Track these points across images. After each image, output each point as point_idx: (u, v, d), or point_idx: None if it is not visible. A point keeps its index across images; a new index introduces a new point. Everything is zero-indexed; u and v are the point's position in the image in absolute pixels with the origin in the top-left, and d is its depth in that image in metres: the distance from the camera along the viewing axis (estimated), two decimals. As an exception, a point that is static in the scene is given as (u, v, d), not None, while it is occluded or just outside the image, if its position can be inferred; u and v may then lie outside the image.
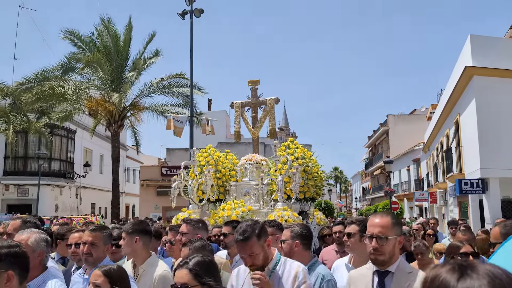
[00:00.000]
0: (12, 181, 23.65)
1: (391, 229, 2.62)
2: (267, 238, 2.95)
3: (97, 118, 22.05)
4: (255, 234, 2.84)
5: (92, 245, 3.47)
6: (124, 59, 20.75)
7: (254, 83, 10.97)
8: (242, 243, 2.84)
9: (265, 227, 3.01)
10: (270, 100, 10.49)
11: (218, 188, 9.38)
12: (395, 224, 2.67)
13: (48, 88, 18.77)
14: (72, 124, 25.49)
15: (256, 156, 9.46)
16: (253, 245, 2.84)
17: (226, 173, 9.60)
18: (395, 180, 40.57)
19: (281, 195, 7.97)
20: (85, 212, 26.21)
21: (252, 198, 8.57)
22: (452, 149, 20.54)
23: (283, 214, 7.58)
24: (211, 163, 9.36)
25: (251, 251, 2.82)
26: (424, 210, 33.40)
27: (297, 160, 8.81)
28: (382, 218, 2.67)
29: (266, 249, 2.91)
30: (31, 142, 23.88)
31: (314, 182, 9.19)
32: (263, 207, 8.27)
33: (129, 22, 20.92)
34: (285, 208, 7.88)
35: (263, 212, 8.12)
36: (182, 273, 2.16)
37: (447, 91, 22.00)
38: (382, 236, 2.57)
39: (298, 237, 3.60)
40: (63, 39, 20.27)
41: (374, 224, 2.64)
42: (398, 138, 40.83)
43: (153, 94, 21.01)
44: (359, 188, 69.53)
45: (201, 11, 17.16)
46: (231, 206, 8.14)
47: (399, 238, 2.65)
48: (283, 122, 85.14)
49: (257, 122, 10.62)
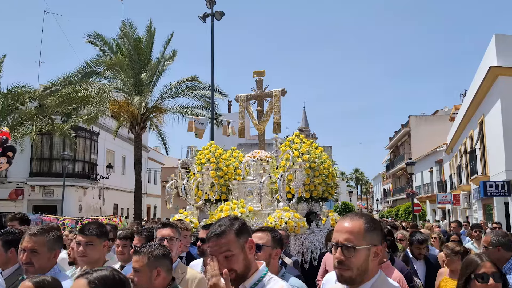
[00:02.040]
0: (37, 182, 24.21)
1: (362, 236, 1.99)
2: (249, 239, 2.30)
3: (120, 121, 22.39)
4: (233, 229, 2.25)
5: (32, 252, 2.93)
6: (146, 61, 21.04)
7: (259, 74, 10.16)
8: (215, 239, 2.21)
9: (247, 225, 2.38)
10: (276, 91, 9.68)
11: (220, 188, 8.73)
12: (370, 229, 2.02)
13: (72, 91, 19.17)
14: (96, 126, 25.97)
15: (261, 153, 8.69)
16: (229, 242, 2.21)
17: (230, 171, 8.90)
18: (417, 182, 40.04)
19: (283, 195, 7.21)
20: (108, 213, 26.66)
21: (255, 198, 7.86)
22: (476, 151, 20.19)
23: (283, 215, 6.87)
24: (212, 161, 8.75)
25: (227, 248, 2.19)
26: (447, 212, 32.89)
27: (302, 156, 8.05)
28: (352, 222, 2.05)
29: (248, 255, 2.25)
30: (56, 144, 24.40)
31: (323, 180, 8.38)
32: (262, 207, 7.51)
33: (150, 25, 21.19)
34: (285, 208, 7.13)
35: (266, 213, 7.43)
36: (79, 283, 1.84)
37: (471, 91, 21.64)
38: (349, 245, 1.96)
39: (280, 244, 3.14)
40: (87, 43, 20.68)
41: (341, 229, 2.04)
42: (420, 139, 40.30)
43: (174, 96, 21.23)
44: (380, 190, 68.82)
45: (222, 14, 17.30)
46: (229, 207, 7.48)
47: (374, 249, 2.01)
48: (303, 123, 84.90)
49: (262, 116, 9.85)
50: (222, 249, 2.19)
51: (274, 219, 6.78)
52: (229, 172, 8.86)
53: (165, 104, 21.66)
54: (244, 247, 2.25)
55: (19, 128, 20.28)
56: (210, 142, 9.42)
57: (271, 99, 9.71)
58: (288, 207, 7.23)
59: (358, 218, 2.07)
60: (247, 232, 2.34)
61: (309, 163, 8.12)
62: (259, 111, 9.93)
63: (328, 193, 8.61)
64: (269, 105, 9.76)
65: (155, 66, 20.79)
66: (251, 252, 2.28)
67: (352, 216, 2.10)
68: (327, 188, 8.53)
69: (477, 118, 20.41)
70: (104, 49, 20.90)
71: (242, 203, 7.57)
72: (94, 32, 20.74)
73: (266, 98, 9.89)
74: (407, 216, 32.03)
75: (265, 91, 9.91)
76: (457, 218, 26.47)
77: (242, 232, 2.28)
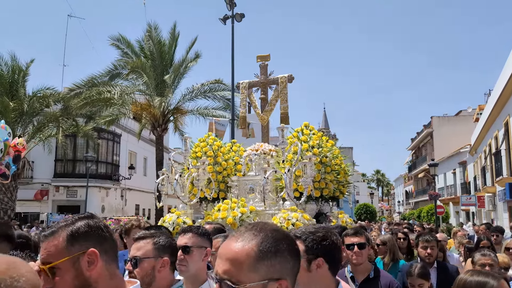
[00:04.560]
0: (62, 183, 24.71)
1: (252, 267, 1.23)
2: (90, 249, 1.48)
3: (142, 122, 22.69)
4: (67, 230, 1.52)
5: None
6: (168, 63, 21.26)
7: (264, 59, 9.06)
8: (42, 242, 1.55)
9: (102, 229, 1.56)
10: (282, 78, 8.54)
11: (218, 185, 7.80)
12: (266, 256, 1.24)
13: (95, 93, 19.49)
14: (118, 128, 26.35)
15: (264, 146, 7.78)
16: (55, 248, 1.49)
17: (229, 166, 7.94)
18: (440, 183, 39.39)
19: (290, 192, 6.25)
20: (130, 213, 27.02)
21: (258, 197, 6.91)
22: (501, 152, 19.78)
23: (290, 215, 5.92)
24: (209, 154, 7.81)
25: (47, 252, 1.49)
26: (471, 215, 32.27)
27: (312, 149, 7.15)
28: (239, 243, 1.27)
29: (85, 273, 1.47)
30: (79, 146, 24.88)
31: (334, 177, 7.43)
32: (266, 207, 6.58)
33: (174, 28, 21.41)
34: (293, 208, 6.19)
35: (270, 213, 6.54)
36: None
37: (495, 91, 21.21)
38: (228, 281, 1.23)
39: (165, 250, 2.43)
40: (110, 45, 21.01)
41: (224, 253, 1.28)
42: (443, 140, 39.70)
43: (195, 98, 21.39)
44: (402, 192, 67.95)
45: (242, 15, 17.38)
46: (227, 206, 6.51)
47: (275, 286, 1.24)
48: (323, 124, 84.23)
49: (266, 105, 8.82)
50: (44, 253, 1.50)
51: (279, 220, 5.87)
52: (229, 167, 7.93)
53: (186, 105, 21.85)
54: (78, 261, 1.48)
55: (44, 130, 20.71)
56: (208, 134, 8.55)
57: (277, 87, 8.66)
58: (296, 206, 6.33)
59: (251, 236, 1.27)
60: (95, 239, 1.53)
61: (320, 158, 7.19)
62: (262, 100, 8.92)
63: (339, 192, 7.67)
64: (274, 93, 8.71)
65: (177, 68, 20.98)
66: (91, 270, 1.49)
67: (244, 232, 1.29)
68: (339, 186, 7.60)
69: (502, 118, 19.99)
70: (127, 52, 21.19)
71: (243, 201, 6.59)
72: (118, 34, 21.06)
73: (271, 85, 8.91)
74: (429, 218, 31.56)
75: (269, 77, 8.85)
76: (482, 220, 25.96)
77: (79, 238, 1.50)
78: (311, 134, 7.56)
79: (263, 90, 8.95)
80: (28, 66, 20.52)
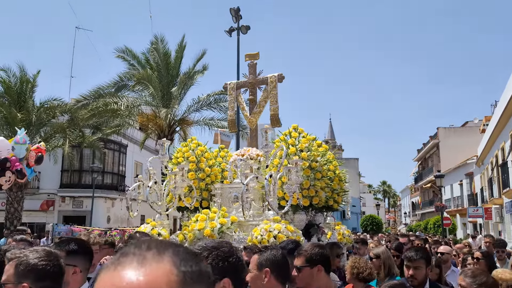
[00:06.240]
0: (68, 193, 24.79)
1: None
2: None
3: (147, 133, 22.80)
4: None
5: None
6: (175, 75, 21.43)
7: (253, 57, 8.52)
8: None
9: None
10: (272, 77, 7.97)
11: (201, 192, 7.24)
12: (192, 281, 0.78)
13: (102, 104, 19.65)
14: (124, 139, 26.48)
15: (251, 150, 7.10)
16: None
17: (214, 173, 7.37)
18: (447, 195, 39.13)
19: (272, 201, 5.69)
20: (135, 224, 27.00)
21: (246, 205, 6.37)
22: (508, 163, 19.66)
23: (272, 227, 5.36)
24: (191, 160, 7.27)
25: None
26: (478, 226, 31.99)
27: (300, 153, 6.57)
28: (140, 271, 0.76)
29: None
30: (85, 156, 25.00)
31: (326, 184, 6.77)
32: (246, 217, 5.92)
33: (182, 40, 21.60)
34: (276, 218, 5.59)
35: (254, 224, 5.95)
36: None
37: (502, 102, 21.16)
38: None
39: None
40: (116, 57, 21.24)
41: None
42: (449, 151, 39.54)
43: (200, 109, 21.51)
44: (408, 203, 67.50)
45: (248, 27, 17.52)
46: (205, 217, 6.03)
47: None
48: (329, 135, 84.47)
49: (255, 107, 8.27)
50: None
51: (260, 232, 5.37)
52: (213, 174, 7.37)
53: (191, 116, 21.96)
54: None
55: (51, 140, 20.86)
56: (191, 138, 8.03)
57: (266, 87, 8.09)
58: (279, 216, 5.77)
59: (156, 258, 0.79)
60: None
61: (309, 162, 6.60)
62: (251, 101, 8.37)
63: (333, 201, 7.00)
64: (264, 94, 8.15)
65: (184, 79, 21.14)
66: None
67: (144, 253, 0.80)
68: (333, 194, 6.96)
69: (509, 129, 19.92)
70: (133, 64, 21.41)
71: (223, 211, 6.17)
72: (124, 47, 21.31)
73: (260, 86, 8.30)
74: (436, 230, 31.32)
75: (258, 77, 8.28)
76: (489, 232, 25.73)
77: None
78: (300, 137, 6.89)
79: (252, 90, 8.33)
80: (35, 77, 20.72)
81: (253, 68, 8.36)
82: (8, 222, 18.72)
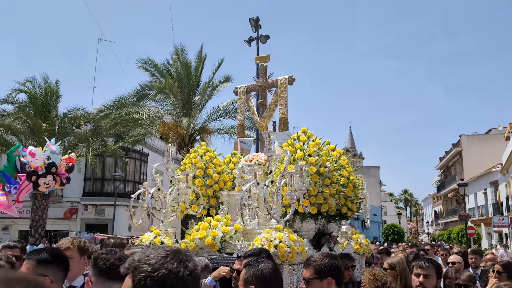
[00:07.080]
0: (90, 201, 25.20)
1: None
2: None
3: (168, 142, 23.07)
4: None
5: None
6: (195, 85, 21.67)
7: (263, 60, 8.41)
8: None
9: None
10: (282, 79, 7.78)
11: (208, 200, 7.06)
12: None
13: (124, 114, 19.98)
14: (145, 148, 26.83)
15: (260, 156, 6.87)
16: None
17: (222, 179, 7.18)
18: (471, 203, 38.39)
19: (276, 208, 5.42)
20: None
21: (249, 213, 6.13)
22: (534, 171, 19.20)
23: (274, 235, 5.03)
24: (198, 166, 7.11)
25: None
26: (504, 236, 31.22)
27: (308, 158, 6.20)
28: None
29: None
30: (107, 165, 25.40)
31: (337, 191, 6.35)
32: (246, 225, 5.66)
33: (200, 50, 21.88)
34: (279, 227, 5.23)
35: (258, 233, 5.58)
36: None
37: (526, 109, 20.72)
38: None
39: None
40: (138, 68, 21.60)
41: None
42: (473, 159, 38.88)
43: (221, 118, 21.68)
44: (431, 212, 66.35)
45: (267, 37, 17.64)
46: (207, 225, 5.81)
47: None
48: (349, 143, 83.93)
49: (265, 110, 8.03)
50: None
51: (261, 242, 5.05)
52: (221, 180, 7.15)
53: (212, 125, 22.13)
54: None
55: (74, 150, 21.27)
56: (200, 144, 7.80)
57: (276, 90, 7.90)
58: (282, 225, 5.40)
59: None
60: None
61: (317, 168, 6.21)
62: (261, 105, 8.14)
63: (347, 208, 6.55)
64: (274, 97, 7.92)
65: (205, 89, 21.37)
66: None
67: None
68: (346, 202, 6.52)
69: (535, 137, 19.49)
70: (155, 74, 21.74)
71: (227, 219, 5.98)
72: (146, 57, 21.69)
73: (270, 89, 8.07)
74: (460, 239, 30.69)
75: (269, 80, 8.05)
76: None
77: None
78: (309, 141, 6.46)
79: (262, 94, 8.13)
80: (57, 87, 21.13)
81: (263, 71, 8.15)
82: (33, 230, 19.13)
